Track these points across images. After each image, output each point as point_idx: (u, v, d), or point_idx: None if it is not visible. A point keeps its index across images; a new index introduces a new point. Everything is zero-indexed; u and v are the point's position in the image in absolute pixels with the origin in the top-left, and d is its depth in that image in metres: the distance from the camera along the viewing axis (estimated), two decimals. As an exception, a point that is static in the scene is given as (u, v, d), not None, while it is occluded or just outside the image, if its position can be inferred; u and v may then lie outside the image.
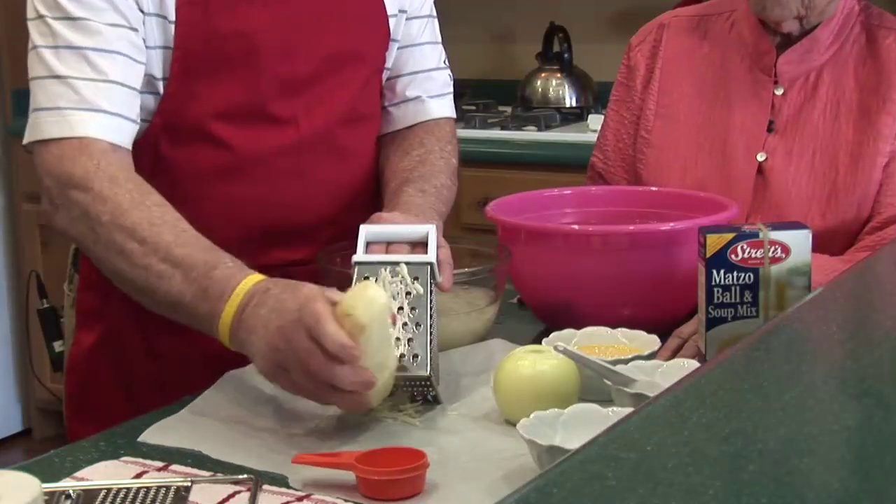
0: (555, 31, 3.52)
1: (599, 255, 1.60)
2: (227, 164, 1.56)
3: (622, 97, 1.95)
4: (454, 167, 1.70)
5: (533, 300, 1.70)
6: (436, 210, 1.58)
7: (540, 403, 1.27)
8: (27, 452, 3.85)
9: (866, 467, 0.82)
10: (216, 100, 1.54)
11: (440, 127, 1.74)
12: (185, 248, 1.39)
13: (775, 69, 1.80)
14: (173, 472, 1.24)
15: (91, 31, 1.47)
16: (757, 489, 0.78)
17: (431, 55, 1.76)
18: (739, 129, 1.81)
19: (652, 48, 1.92)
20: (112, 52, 1.48)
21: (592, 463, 0.84)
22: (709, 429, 0.89)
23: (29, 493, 0.90)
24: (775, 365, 1.05)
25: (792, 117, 1.79)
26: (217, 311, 1.35)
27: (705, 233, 1.45)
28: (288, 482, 1.20)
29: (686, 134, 1.86)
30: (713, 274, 1.44)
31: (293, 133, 1.59)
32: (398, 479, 1.17)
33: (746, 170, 1.79)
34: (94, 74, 1.47)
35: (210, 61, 1.52)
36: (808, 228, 1.47)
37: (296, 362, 1.26)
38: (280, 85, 1.57)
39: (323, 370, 1.25)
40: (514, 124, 3.33)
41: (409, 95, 1.74)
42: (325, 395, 1.28)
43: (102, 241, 1.42)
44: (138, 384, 1.63)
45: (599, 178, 1.96)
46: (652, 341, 1.47)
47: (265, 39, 1.54)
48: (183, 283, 1.37)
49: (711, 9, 1.92)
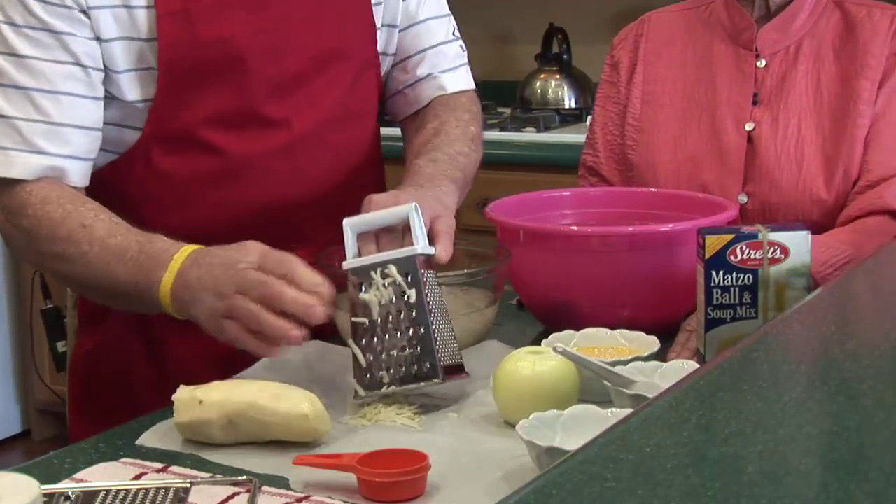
0: (554, 32, 3.52)
1: (599, 257, 1.60)
2: (221, 168, 1.56)
3: (607, 93, 1.99)
4: (473, 134, 1.68)
5: (532, 301, 1.70)
6: (448, 177, 1.56)
7: (539, 404, 1.27)
8: (26, 454, 3.85)
9: (866, 468, 0.82)
10: (205, 106, 1.54)
11: (455, 99, 1.73)
12: (117, 237, 1.43)
13: (755, 43, 1.85)
14: (172, 473, 1.24)
15: (36, 72, 1.47)
16: (756, 490, 0.78)
17: (437, 29, 1.74)
18: (726, 103, 1.86)
19: (634, 43, 1.97)
20: (56, 94, 1.47)
21: (592, 464, 0.84)
22: (708, 430, 0.89)
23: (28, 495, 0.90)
24: (775, 366, 1.05)
25: (775, 88, 1.84)
26: (157, 278, 1.39)
27: (704, 234, 1.45)
28: (288, 484, 1.20)
29: (673, 114, 1.90)
30: (712, 275, 1.44)
31: (285, 134, 1.58)
32: (400, 481, 1.16)
33: (737, 140, 1.83)
34: (38, 116, 1.47)
35: (197, 70, 1.52)
36: (807, 229, 1.47)
37: (255, 297, 1.31)
38: (268, 88, 1.56)
39: (285, 294, 1.31)
40: (513, 125, 3.33)
41: (421, 74, 1.73)
42: (275, 329, 1.31)
43: (48, 257, 1.48)
44: (140, 386, 1.63)
45: (592, 173, 1.97)
46: (651, 342, 1.47)
47: (250, 44, 1.54)
48: (118, 266, 1.42)
49: (691, 4, 1.98)
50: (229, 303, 1.33)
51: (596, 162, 1.97)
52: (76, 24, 1.47)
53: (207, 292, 1.35)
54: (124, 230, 1.44)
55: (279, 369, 1.46)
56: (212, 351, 1.52)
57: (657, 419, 0.93)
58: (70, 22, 1.47)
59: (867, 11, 1.84)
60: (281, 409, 1.27)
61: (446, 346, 1.39)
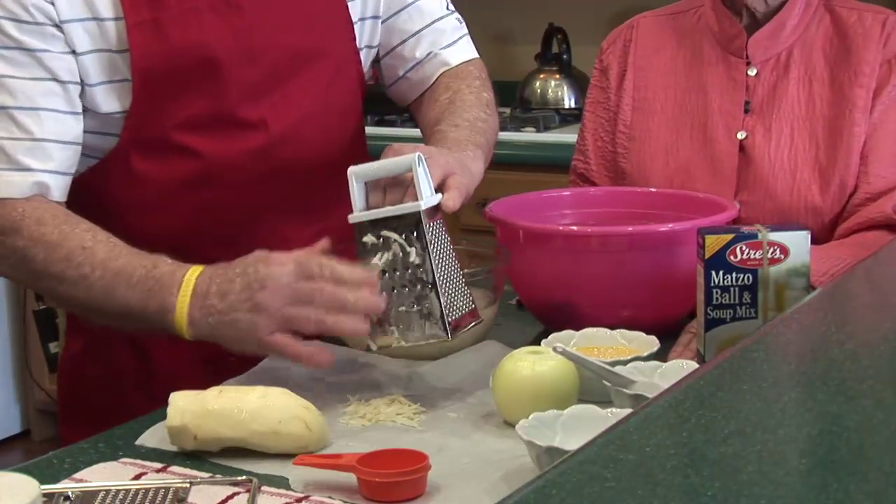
0: (554, 32, 3.52)
1: (598, 256, 1.60)
2: (198, 171, 1.55)
3: (597, 98, 1.97)
4: (487, 100, 1.67)
5: (532, 301, 1.70)
6: (472, 142, 1.55)
7: (539, 404, 1.27)
8: (26, 454, 3.85)
9: (866, 468, 0.82)
10: (181, 111, 1.53)
11: (461, 69, 1.72)
12: (120, 259, 1.43)
13: (746, 52, 1.84)
14: (172, 473, 1.24)
15: (14, 91, 1.46)
16: (756, 490, 0.78)
17: (429, 7, 1.72)
18: (717, 111, 1.84)
19: (623, 48, 1.96)
20: (36, 110, 1.47)
21: (591, 464, 0.84)
22: (708, 430, 0.89)
23: (27, 495, 0.90)
24: (774, 366, 1.05)
25: (767, 96, 1.83)
26: (169, 304, 1.39)
27: (704, 234, 1.45)
28: (288, 484, 1.20)
29: (664, 122, 1.89)
30: (712, 275, 1.44)
31: (262, 136, 1.57)
32: (400, 481, 1.16)
33: (729, 149, 1.82)
34: (20, 134, 1.47)
35: (171, 78, 1.51)
36: (807, 229, 1.47)
37: (318, 305, 1.34)
38: (244, 90, 1.55)
39: (343, 296, 1.34)
40: (512, 125, 3.33)
41: (420, 55, 1.71)
42: (348, 328, 1.36)
43: (43, 277, 1.47)
44: (128, 388, 1.63)
45: (583, 179, 1.97)
46: (651, 342, 1.47)
47: (224, 48, 1.53)
48: (126, 290, 1.41)
49: (679, 7, 1.96)
50: (285, 317, 1.34)
51: (587, 169, 1.96)
52: (49, 40, 1.47)
53: (244, 313, 1.35)
54: (126, 252, 1.44)
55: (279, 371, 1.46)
56: (198, 354, 1.53)
57: (657, 419, 0.93)
58: (43, 38, 1.46)
59: (858, 15, 1.82)
60: (278, 445, 1.27)
61: (455, 299, 1.38)
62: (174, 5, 1.50)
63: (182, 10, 1.51)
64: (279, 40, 1.58)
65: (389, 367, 1.50)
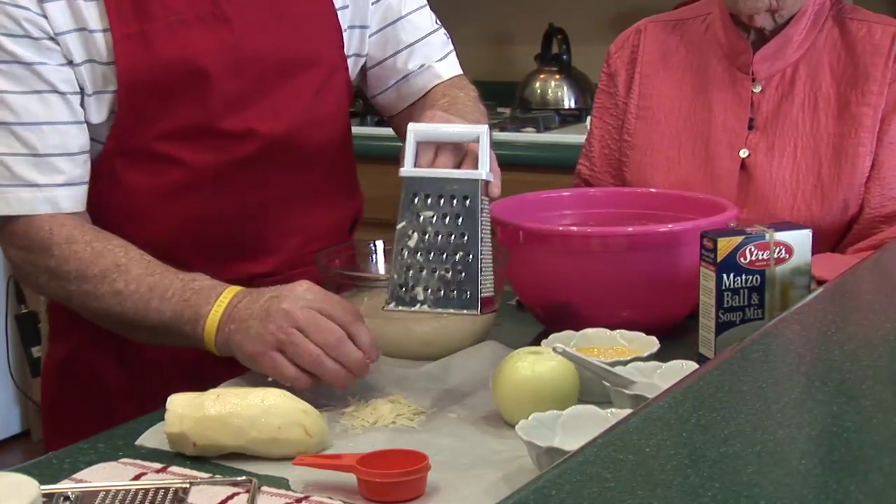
0: (553, 32, 3.52)
1: (598, 257, 1.60)
2: (185, 180, 1.55)
3: (605, 104, 1.96)
4: (482, 111, 1.68)
5: (532, 302, 1.70)
6: None
7: (539, 405, 1.27)
8: (26, 454, 3.84)
9: (865, 469, 0.82)
10: (168, 122, 1.52)
11: (454, 81, 1.72)
12: (155, 275, 1.45)
13: (752, 67, 1.82)
14: (172, 473, 1.24)
15: (14, 107, 1.45)
16: (756, 491, 0.78)
17: (421, 21, 1.73)
18: (721, 127, 1.83)
19: (630, 53, 1.94)
20: (38, 125, 1.47)
21: (591, 464, 0.84)
22: (708, 430, 0.89)
23: (27, 495, 0.90)
24: (774, 366, 1.05)
25: (771, 114, 1.81)
26: (203, 312, 1.40)
27: (715, 237, 1.44)
28: (288, 484, 1.20)
29: (668, 135, 1.87)
30: (723, 278, 1.43)
31: (249, 145, 1.56)
32: (400, 482, 1.16)
33: (730, 167, 1.81)
34: (23, 150, 1.46)
35: (157, 90, 1.50)
36: (809, 228, 1.47)
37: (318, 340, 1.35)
38: (231, 100, 1.54)
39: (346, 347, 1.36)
40: (512, 126, 3.33)
41: (413, 67, 1.71)
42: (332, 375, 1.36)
43: (77, 294, 1.48)
44: (111, 394, 1.62)
45: (586, 185, 1.96)
46: (651, 343, 1.47)
47: (211, 59, 1.52)
48: (160, 303, 1.43)
49: (687, 13, 1.94)
50: (287, 337, 1.35)
51: (592, 175, 1.95)
52: (46, 53, 1.46)
53: (257, 321, 1.37)
54: (161, 268, 1.45)
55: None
56: (182, 358, 1.53)
57: (657, 420, 0.93)
58: (39, 51, 1.46)
59: (867, 29, 1.79)
60: (278, 451, 1.27)
61: (487, 279, 1.38)
62: (161, 17, 1.50)
63: (169, 22, 1.50)
64: (267, 50, 1.57)
65: (389, 368, 1.50)
